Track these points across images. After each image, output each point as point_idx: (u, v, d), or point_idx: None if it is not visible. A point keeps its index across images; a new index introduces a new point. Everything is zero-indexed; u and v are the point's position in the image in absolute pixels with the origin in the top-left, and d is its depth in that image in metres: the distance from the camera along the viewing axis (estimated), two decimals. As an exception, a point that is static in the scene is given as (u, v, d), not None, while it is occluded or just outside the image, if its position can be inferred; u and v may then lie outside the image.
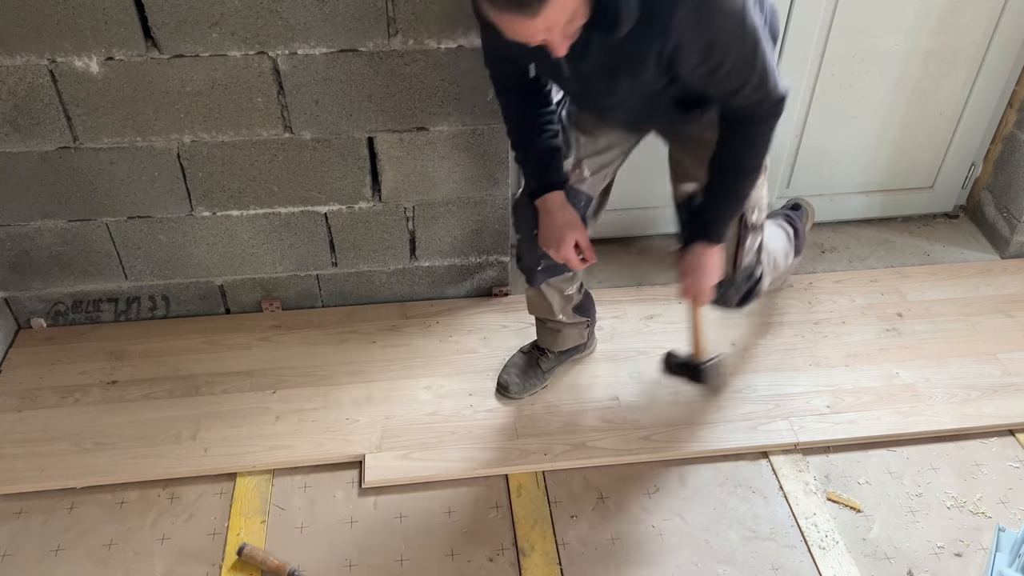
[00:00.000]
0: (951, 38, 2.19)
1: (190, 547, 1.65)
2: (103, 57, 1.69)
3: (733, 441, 1.85)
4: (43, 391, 1.95)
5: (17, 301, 2.08)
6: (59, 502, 1.73)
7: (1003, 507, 1.74)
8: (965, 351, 2.08)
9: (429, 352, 2.07)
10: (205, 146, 1.85)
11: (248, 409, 1.90)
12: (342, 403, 1.92)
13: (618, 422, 1.89)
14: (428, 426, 1.87)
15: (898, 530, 1.70)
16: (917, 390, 1.97)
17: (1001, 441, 1.89)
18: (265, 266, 2.10)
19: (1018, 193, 2.35)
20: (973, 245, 2.47)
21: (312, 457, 1.80)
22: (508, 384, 1.94)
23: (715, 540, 1.68)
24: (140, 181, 1.89)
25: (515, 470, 1.79)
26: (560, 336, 1.93)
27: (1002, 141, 2.40)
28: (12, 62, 1.67)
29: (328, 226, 2.04)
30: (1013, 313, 2.20)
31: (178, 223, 1.98)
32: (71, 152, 1.83)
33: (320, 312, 2.19)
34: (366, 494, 1.76)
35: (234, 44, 1.70)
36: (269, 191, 1.95)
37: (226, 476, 1.78)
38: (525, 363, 1.97)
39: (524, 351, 2.01)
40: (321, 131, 1.86)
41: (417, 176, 1.97)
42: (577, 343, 1.98)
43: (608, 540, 1.68)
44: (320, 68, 1.76)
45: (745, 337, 2.12)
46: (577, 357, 2.03)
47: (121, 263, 2.04)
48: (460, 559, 1.64)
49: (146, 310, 2.15)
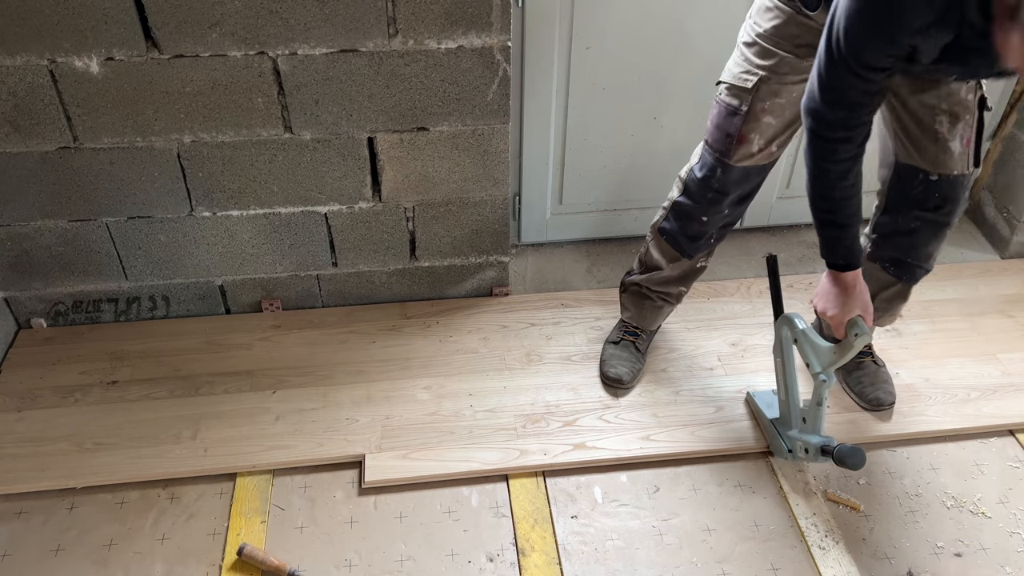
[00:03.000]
0: (951, 38, 2.19)
1: (190, 547, 1.65)
2: (103, 57, 1.69)
3: (733, 441, 1.85)
4: (43, 391, 1.95)
5: (17, 301, 2.08)
6: (59, 502, 1.73)
7: (1003, 507, 1.74)
8: (965, 351, 2.08)
9: (429, 352, 2.07)
10: (205, 146, 1.85)
11: (248, 409, 1.90)
12: (342, 403, 1.92)
13: (618, 422, 1.89)
14: (428, 426, 1.87)
15: (898, 530, 1.70)
16: (917, 390, 1.97)
17: (1001, 441, 1.89)
18: (265, 266, 2.10)
19: (1018, 193, 2.35)
20: (973, 245, 2.47)
21: (312, 457, 1.80)
22: (620, 376, 1.95)
23: (715, 540, 1.68)
24: (140, 181, 1.89)
25: (515, 470, 1.79)
26: (662, 312, 2.00)
27: (1002, 141, 2.40)
28: (12, 62, 1.67)
29: (328, 226, 2.04)
30: (1013, 313, 2.20)
31: (178, 223, 1.98)
32: (71, 152, 1.83)
33: (320, 312, 2.19)
34: (366, 494, 1.76)
35: (234, 44, 1.70)
36: (269, 191, 1.95)
37: (226, 476, 1.78)
38: (624, 351, 2.00)
39: (614, 341, 2.04)
40: (321, 131, 1.86)
41: (417, 176, 1.97)
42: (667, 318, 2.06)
43: (608, 540, 1.68)
44: (320, 68, 1.76)
45: (745, 337, 2.12)
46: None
47: (121, 263, 2.04)
48: (460, 559, 1.64)
49: (146, 310, 2.15)
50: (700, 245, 1.85)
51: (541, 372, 2.01)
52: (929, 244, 1.72)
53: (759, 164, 1.69)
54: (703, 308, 2.21)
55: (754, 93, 1.59)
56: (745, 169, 1.69)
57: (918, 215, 1.68)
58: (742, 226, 2.50)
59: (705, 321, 2.17)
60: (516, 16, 1.96)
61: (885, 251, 1.77)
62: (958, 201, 1.65)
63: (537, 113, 2.15)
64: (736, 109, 1.63)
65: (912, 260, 1.75)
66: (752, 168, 1.69)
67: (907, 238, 1.72)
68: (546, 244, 2.46)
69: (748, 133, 1.63)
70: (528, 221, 2.39)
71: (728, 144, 1.66)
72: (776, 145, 1.67)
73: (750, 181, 1.73)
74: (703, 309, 2.21)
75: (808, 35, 1.51)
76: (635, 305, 2.01)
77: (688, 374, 2.02)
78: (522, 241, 2.44)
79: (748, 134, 1.63)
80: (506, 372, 2.01)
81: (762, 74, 1.58)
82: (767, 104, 1.60)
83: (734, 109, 1.63)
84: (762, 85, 1.59)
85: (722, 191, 1.72)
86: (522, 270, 2.37)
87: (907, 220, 1.70)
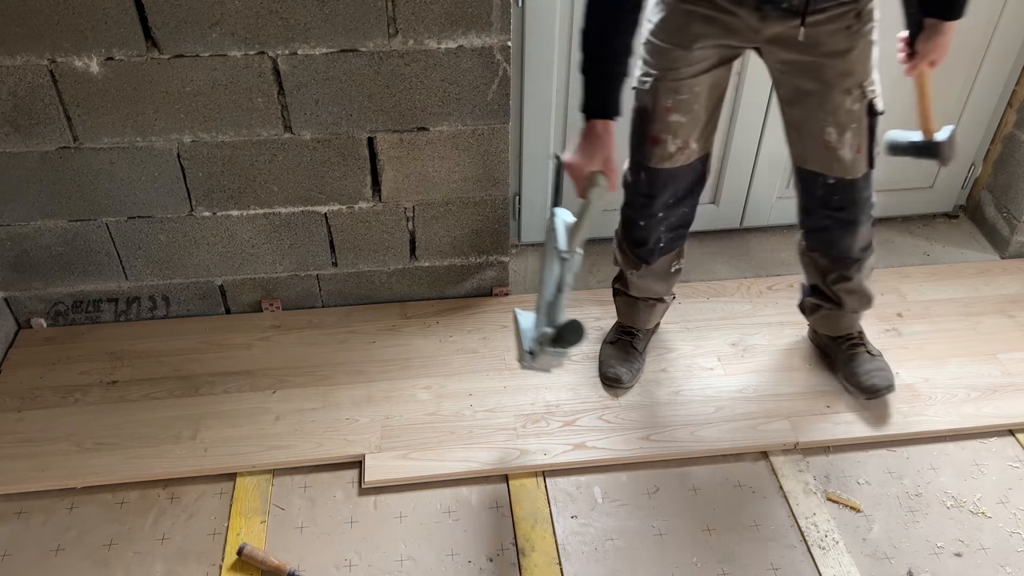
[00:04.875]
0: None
1: (190, 547, 1.65)
2: (103, 57, 1.69)
3: (733, 441, 1.85)
4: (43, 391, 1.95)
5: (17, 301, 2.08)
6: (59, 502, 1.73)
7: (1003, 507, 1.74)
8: (965, 351, 2.08)
9: (429, 352, 2.07)
10: (205, 146, 1.85)
11: (248, 409, 1.90)
12: (342, 403, 1.92)
13: (618, 422, 1.89)
14: (428, 426, 1.87)
15: (898, 530, 1.70)
16: (917, 390, 1.97)
17: (1001, 441, 1.89)
18: (265, 266, 2.10)
19: (1018, 193, 2.35)
20: (973, 245, 2.47)
21: (312, 457, 1.80)
22: (620, 375, 1.95)
23: (715, 540, 1.68)
24: (140, 181, 1.90)
25: (515, 470, 1.79)
26: (655, 311, 2.00)
27: (1002, 141, 2.40)
28: (12, 62, 1.67)
29: (328, 226, 2.04)
30: (1013, 313, 2.20)
31: (178, 223, 1.98)
32: (71, 152, 1.83)
33: (320, 312, 2.19)
34: (366, 494, 1.76)
35: (234, 44, 1.70)
36: (269, 191, 1.95)
37: (226, 476, 1.78)
38: (621, 351, 2.00)
39: (611, 341, 2.04)
40: (321, 131, 1.86)
41: (417, 176, 1.97)
42: (663, 315, 2.06)
43: (608, 540, 1.68)
44: (320, 68, 1.76)
45: (745, 337, 2.12)
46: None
47: (121, 263, 2.04)
48: (460, 559, 1.64)
49: (146, 310, 2.15)
50: (650, 251, 1.83)
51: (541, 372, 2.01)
52: (845, 239, 1.76)
53: (684, 164, 1.67)
54: (703, 308, 2.21)
55: (654, 94, 1.60)
56: (669, 171, 1.67)
57: (827, 214, 1.73)
58: (742, 226, 2.50)
59: (705, 321, 2.17)
60: (516, 16, 1.96)
61: (812, 243, 1.84)
62: (858, 202, 1.70)
63: (537, 113, 2.15)
64: (643, 112, 1.63)
65: (835, 253, 1.79)
66: (678, 169, 1.68)
67: (824, 234, 1.79)
68: (546, 244, 2.46)
69: (659, 134, 1.63)
70: (528, 221, 2.39)
71: (644, 148, 1.66)
72: (695, 142, 1.65)
73: (680, 182, 1.71)
74: (703, 309, 2.21)
75: (692, 24, 1.52)
76: (626, 306, 2.01)
77: (688, 374, 2.02)
78: (522, 241, 2.44)
79: (660, 135, 1.63)
80: (506, 372, 2.01)
81: (656, 73, 1.58)
82: (670, 103, 1.59)
83: (641, 113, 1.64)
84: (659, 84, 1.58)
85: (650, 195, 1.72)
86: (522, 270, 2.37)
87: (819, 218, 1.76)
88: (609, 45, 1.41)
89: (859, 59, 1.54)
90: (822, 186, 1.68)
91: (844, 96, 1.56)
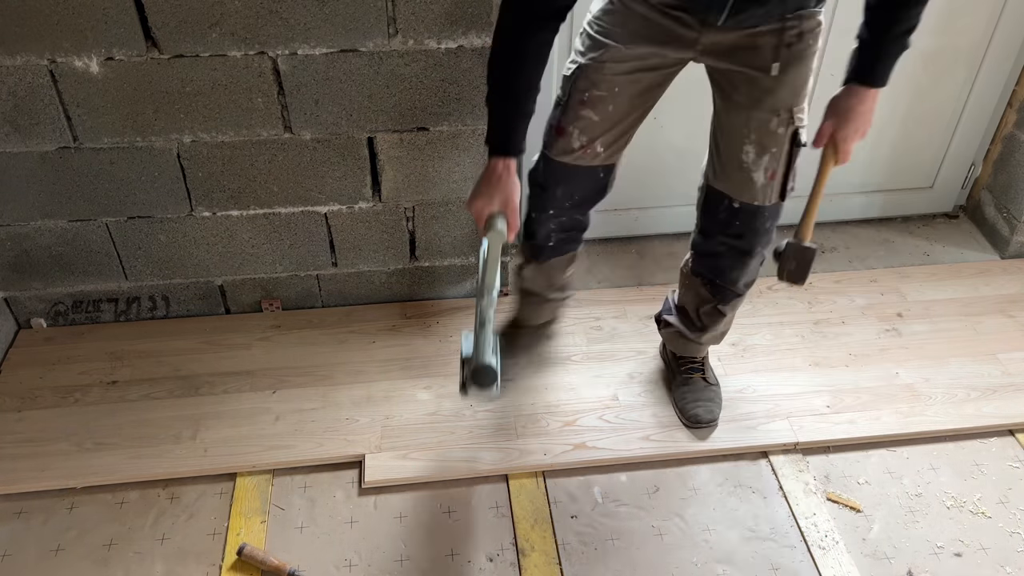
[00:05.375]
0: (950, 39, 2.19)
1: (190, 547, 1.65)
2: (103, 57, 1.69)
3: (733, 441, 1.85)
4: (43, 391, 1.95)
5: (17, 301, 2.08)
6: (59, 502, 1.73)
7: (1003, 507, 1.75)
8: (965, 351, 2.08)
9: (429, 352, 2.07)
10: (205, 146, 1.85)
11: (248, 409, 1.90)
12: (342, 403, 1.92)
13: (618, 422, 1.89)
14: (428, 426, 1.87)
15: (898, 530, 1.70)
16: (917, 390, 1.97)
17: (1001, 441, 1.89)
18: (265, 266, 2.10)
19: (1018, 193, 2.36)
20: (973, 245, 2.47)
21: (312, 457, 1.80)
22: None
23: (715, 540, 1.68)
24: (140, 181, 1.89)
25: (515, 470, 1.79)
26: (542, 311, 2.00)
27: (1002, 141, 2.40)
28: (12, 62, 1.67)
29: (328, 226, 2.04)
30: (1013, 313, 2.20)
31: (178, 223, 1.98)
32: (71, 152, 1.83)
33: (320, 312, 2.19)
34: (366, 494, 1.76)
35: (234, 44, 1.70)
36: (269, 191, 1.95)
37: (226, 476, 1.78)
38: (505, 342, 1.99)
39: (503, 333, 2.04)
40: (321, 131, 1.86)
41: (417, 176, 1.97)
42: (552, 317, 2.07)
43: (608, 540, 1.68)
44: (320, 68, 1.76)
45: (745, 337, 2.12)
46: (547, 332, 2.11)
47: (121, 263, 2.04)
48: (460, 559, 1.64)
49: (146, 310, 2.15)
50: (540, 247, 1.78)
51: (541, 372, 2.01)
52: (734, 270, 1.70)
53: (584, 164, 1.63)
54: (703, 308, 2.21)
55: (572, 82, 1.56)
56: (567, 167, 1.63)
57: (723, 240, 1.67)
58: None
59: (705, 321, 2.17)
60: (516, 16, 1.96)
61: (700, 268, 1.76)
62: (758, 232, 1.63)
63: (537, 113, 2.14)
64: (559, 100, 1.60)
65: (720, 282, 1.73)
66: (577, 168, 1.63)
67: (714, 260, 1.71)
68: (546, 244, 2.46)
69: (567, 125, 1.59)
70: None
71: (550, 135, 1.63)
72: (601, 145, 1.60)
73: (575, 182, 1.66)
74: (703, 309, 2.21)
75: (632, 21, 1.49)
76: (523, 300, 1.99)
77: (688, 374, 2.02)
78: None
79: (567, 126, 1.59)
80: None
81: (582, 61, 1.54)
82: (586, 96, 1.55)
83: (558, 100, 1.60)
84: (581, 74, 1.54)
85: (543, 186, 1.68)
86: (522, 270, 2.37)
87: (713, 243, 1.69)
88: (515, 81, 1.42)
89: (791, 81, 1.47)
90: (726, 209, 1.62)
91: (771, 115, 1.50)
